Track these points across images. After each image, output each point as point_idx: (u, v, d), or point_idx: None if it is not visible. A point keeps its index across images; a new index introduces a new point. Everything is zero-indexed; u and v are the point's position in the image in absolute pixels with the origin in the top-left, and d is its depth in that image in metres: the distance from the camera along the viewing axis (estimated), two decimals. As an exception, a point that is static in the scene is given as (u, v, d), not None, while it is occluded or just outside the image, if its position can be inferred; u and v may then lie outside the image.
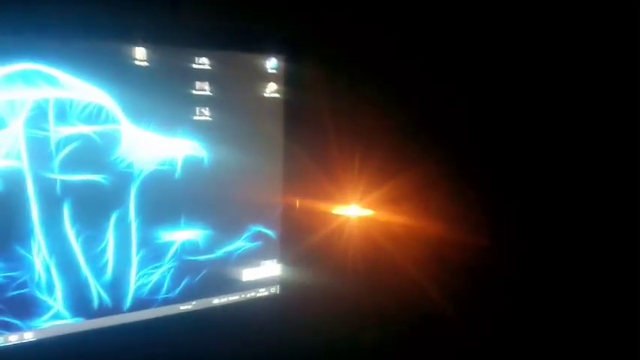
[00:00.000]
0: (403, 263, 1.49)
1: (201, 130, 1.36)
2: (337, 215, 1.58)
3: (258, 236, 1.54)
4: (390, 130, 1.45)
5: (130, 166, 1.28)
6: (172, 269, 1.40)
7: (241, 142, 1.43)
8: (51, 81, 1.10)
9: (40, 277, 1.17)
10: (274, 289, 1.61)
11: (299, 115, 1.48)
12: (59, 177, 1.15)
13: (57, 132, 1.13)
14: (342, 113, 1.50)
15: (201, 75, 1.33)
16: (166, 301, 1.40)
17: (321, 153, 1.54)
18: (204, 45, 1.28)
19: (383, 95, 1.44)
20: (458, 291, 1.39)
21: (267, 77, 1.42)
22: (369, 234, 1.56)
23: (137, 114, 1.25)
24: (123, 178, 1.26)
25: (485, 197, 1.37)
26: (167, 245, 1.38)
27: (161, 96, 1.28)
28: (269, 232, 1.56)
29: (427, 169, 1.41)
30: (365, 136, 1.50)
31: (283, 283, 1.59)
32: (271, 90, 1.45)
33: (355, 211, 1.57)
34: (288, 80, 1.43)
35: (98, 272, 1.26)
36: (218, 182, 1.42)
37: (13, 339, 1.18)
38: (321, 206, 1.59)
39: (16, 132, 1.09)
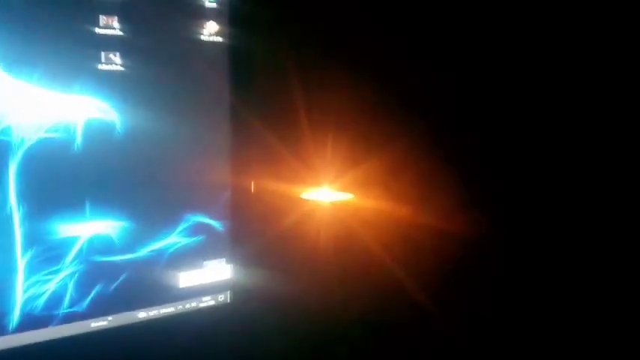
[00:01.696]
0: (379, 257, 1.36)
1: (110, 84, 1.08)
2: (302, 201, 1.39)
3: (198, 229, 1.28)
4: (360, 106, 1.35)
5: (5, 132, 0.98)
6: (77, 275, 1.11)
7: (170, 103, 1.18)
8: None
9: None
10: (223, 297, 1.35)
11: (251, 68, 1.24)
12: None
13: None
14: (308, 72, 1.33)
15: (108, 6, 1.04)
16: (70, 317, 1.12)
17: (282, 120, 1.34)
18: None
19: (354, 69, 1.33)
20: (436, 283, 1.33)
21: (205, 13, 1.13)
22: (339, 223, 1.39)
23: (14, 58, 0.96)
24: (-5, 150, 0.92)
25: (460, 180, 1.32)
26: (67, 243, 1.09)
27: (49, 34, 0.99)
28: (213, 222, 1.31)
29: (401, 151, 1.33)
30: (334, 104, 1.36)
31: (235, 288, 1.36)
32: (211, 31, 1.16)
33: (324, 196, 1.39)
34: (235, 18, 1.15)
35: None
36: (138, 156, 1.16)
37: None
38: (282, 189, 1.39)
39: None
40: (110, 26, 1.09)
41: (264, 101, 1.29)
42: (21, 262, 1.10)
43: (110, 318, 1.17)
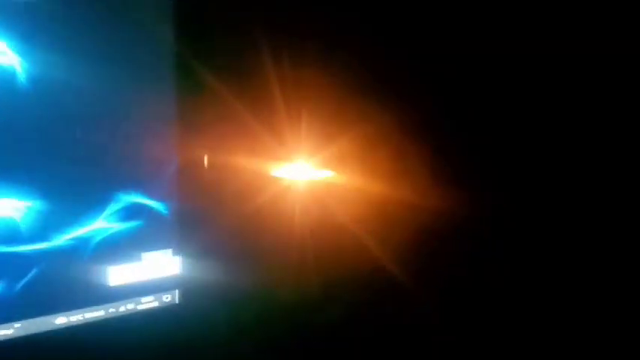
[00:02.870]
0: (356, 238, 1.27)
1: (10, 15, 0.86)
2: (267, 178, 1.25)
3: (134, 211, 1.06)
4: (333, 79, 1.26)
5: None
6: (-33, 270, 0.91)
7: (94, 45, 0.96)
8: None
9: None
10: (170, 297, 1.15)
11: (206, 18, 1.10)
12: None
13: None
14: (278, 35, 1.22)
15: None
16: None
17: (245, 85, 1.19)
18: None
19: (327, 41, 1.26)
20: (414, 261, 1.29)
21: None
22: (311, 203, 1.28)
23: None
24: None
25: (436, 156, 1.29)
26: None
27: None
28: (154, 204, 1.09)
29: (375, 126, 1.28)
30: (307, 75, 1.27)
31: (185, 286, 1.16)
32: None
33: (293, 172, 1.26)
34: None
35: None
36: (51, 115, 0.94)
37: None
38: (243, 164, 1.21)
39: None
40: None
41: (225, 60, 1.16)
42: None
43: (17, 325, 0.97)
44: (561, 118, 1.22)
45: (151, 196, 1.08)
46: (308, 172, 1.27)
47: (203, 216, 1.18)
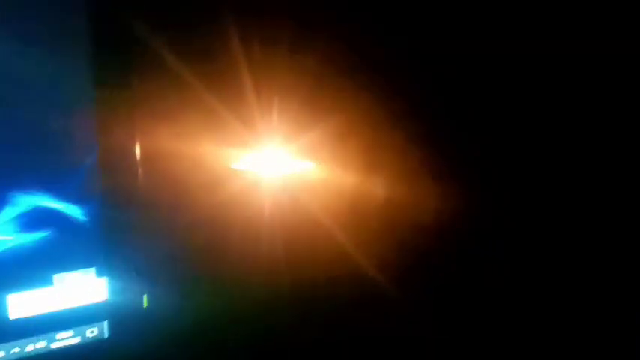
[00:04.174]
0: (329, 234, 1.20)
1: None
2: (224, 173, 1.08)
3: (40, 219, 0.84)
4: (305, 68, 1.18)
5: None
6: None
7: None
8: None
9: None
10: (95, 331, 0.92)
11: None
12: None
13: None
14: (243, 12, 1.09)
15: None
16: None
17: (191, 59, 1.02)
18: None
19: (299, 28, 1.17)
20: (389, 257, 1.24)
21: None
22: (278, 201, 1.15)
23: None
24: None
25: (410, 149, 1.25)
26: None
27: None
28: (68, 208, 0.86)
29: (348, 117, 1.21)
30: (275, 63, 1.15)
31: (116, 315, 0.93)
32: None
33: (255, 166, 1.12)
34: None
35: None
36: None
37: None
38: (192, 156, 1.02)
39: None
40: None
41: (176, 38, 1.02)
42: None
43: None
44: (542, 113, 1.24)
45: (61, 198, 0.83)
46: (274, 165, 1.14)
47: (137, 223, 0.95)
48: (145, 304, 0.99)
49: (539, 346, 1.23)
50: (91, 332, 0.92)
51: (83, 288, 0.90)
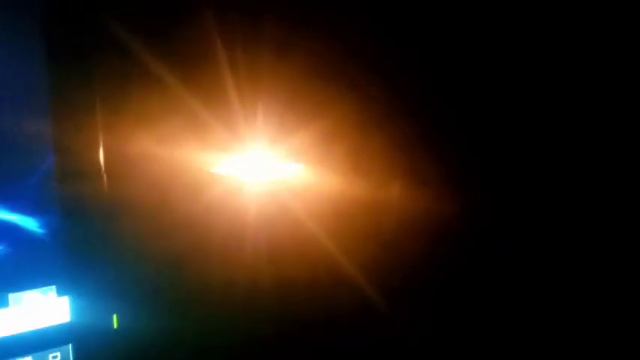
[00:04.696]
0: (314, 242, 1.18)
1: None
2: (200, 178, 1.03)
3: None
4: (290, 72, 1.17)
5: None
6: None
7: None
8: None
9: None
10: (58, 356, 0.84)
11: None
12: None
13: None
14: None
15: None
16: None
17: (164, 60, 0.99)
18: None
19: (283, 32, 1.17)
20: (371, 258, 1.23)
21: None
22: (262, 208, 1.12)
23: None
24: None
25: (396, 151, 1.25)
26: None
27: None
28: (22, 220, 0.79)
29: (334, 120, 1.20)
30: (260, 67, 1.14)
31: (81, 338, 0.85)
32: None
33: (234, 169, 1.07)
34: None
35: None
36: None
37: None
38: (160, 158, 0.96)
39: None
40: None
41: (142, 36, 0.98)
42: None
43: None
44: (539, 113, 1.24)
45: (14, 209, 0.76)
46: (253, 169, 1.10)
47: (102, 235, 0.88)
48: (115, 326, 0.91)
49: (539, 346, 1.23)
50: (54, 358, 0.84)
51: (43, 309, 0.83)
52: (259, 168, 1.11)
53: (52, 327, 0.84)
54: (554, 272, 1.26)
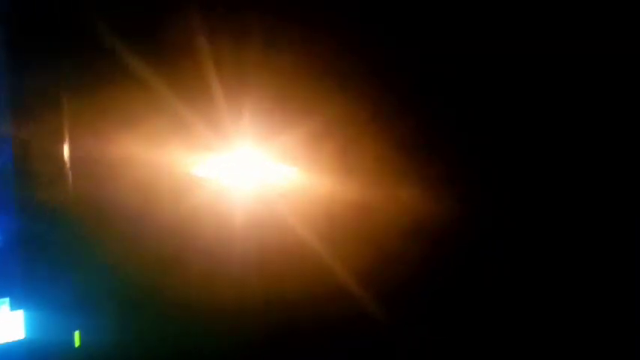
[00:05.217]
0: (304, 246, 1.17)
1: None
2: (179, 181, 0.99)
3: None
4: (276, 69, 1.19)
5: None
6: None
7: None
8: None
9: None
10: None
11: None
12: None
13: None
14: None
15: None
16: None
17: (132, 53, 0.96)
18: None
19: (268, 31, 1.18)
20: (358, 260, 1.24)
21: None
22: (242, 221, 1.08)
23: None
24: None
25: (386, 152, 1.27)
26: None
27: None
28: None
29: (319, 118, 1.20)
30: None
31: (36, 356, 0.75)
32: None
33: (217, 172, 1.03)
34: None
35: None
36: None
37: None
38: (134, 159, 0.91)
39: None
40: None
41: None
42: None
43: None
44: (536, 113, 1.25)
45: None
46: (237, 171, 1.05)
47: (64, 241, 0.80)
48: (77, 344, 0.82)
49: (538, 347, 1.25)
50: (2, 381, 0.75)
51: (-8, 325, 0.74)
52: (245, 170, 1.07)
53: (3, 345, 0.76)
54: (553, 272, 1.26)
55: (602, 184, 1.25)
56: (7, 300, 0.76)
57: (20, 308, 0.77)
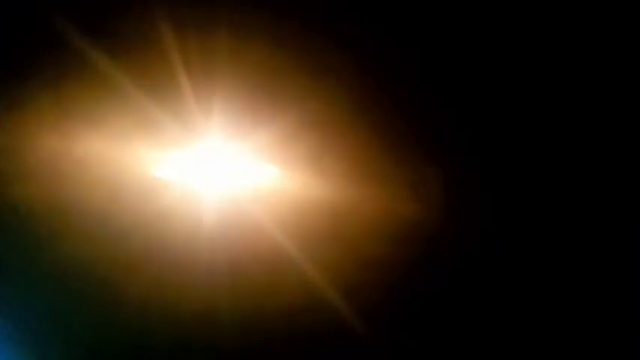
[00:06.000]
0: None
1: None
2: (137, 182, 0.96)
3: None
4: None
5: None
6: None
7: None
8: None
9: None
10: None
11: None
12: None
13: None
14: None
15: None
16: None
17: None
18: None
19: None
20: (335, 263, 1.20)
21: None
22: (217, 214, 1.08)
23: None
24: None
25: (360, 151, 1.22)
26: None
27: None
28: None
29: (296, 115, 1.16)
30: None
31: None
32: None
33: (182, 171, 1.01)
34: None
35: None
36: None
37: None
38: (88, 156, 0.90)
39: None
40: None
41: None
42: None
43: None
44: (534, 112, 1.21)
45: None
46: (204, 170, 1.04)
47: (10, 250, 0.80)
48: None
49: (538, 347, 1.22)
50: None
51: None
52: (215, 168, 1.03)
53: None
54: (554, 272, 1.23)
55: (602, 184, 1.20)
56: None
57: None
